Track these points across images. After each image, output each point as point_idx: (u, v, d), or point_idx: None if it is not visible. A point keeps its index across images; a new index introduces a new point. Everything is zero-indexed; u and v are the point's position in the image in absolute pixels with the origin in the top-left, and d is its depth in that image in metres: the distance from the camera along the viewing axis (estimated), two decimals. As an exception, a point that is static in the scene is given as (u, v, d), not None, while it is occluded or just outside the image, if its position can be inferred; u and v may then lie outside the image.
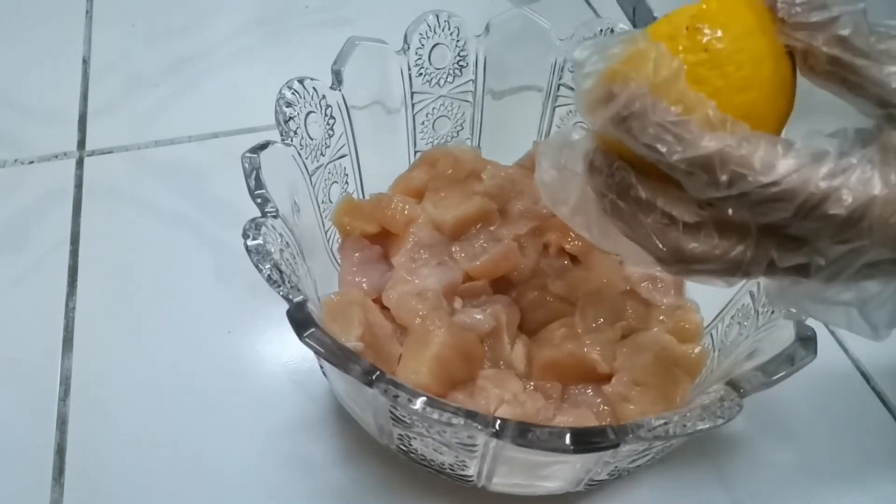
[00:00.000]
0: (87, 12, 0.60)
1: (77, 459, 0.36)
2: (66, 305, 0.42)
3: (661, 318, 0.37)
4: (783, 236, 0.21)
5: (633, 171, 0.22)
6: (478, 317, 0.36)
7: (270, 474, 0.36)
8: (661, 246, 0.22)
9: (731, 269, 0.22)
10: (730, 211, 0.21)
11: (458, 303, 0.37)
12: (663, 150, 0.20)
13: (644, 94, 0.20)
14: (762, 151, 0.20)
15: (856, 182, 0.19)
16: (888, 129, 0.20)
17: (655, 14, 0.44)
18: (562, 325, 0.37)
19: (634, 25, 0.42)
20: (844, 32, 0.21)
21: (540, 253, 0.39)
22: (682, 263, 0.22)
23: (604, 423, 0.33)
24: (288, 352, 0.40)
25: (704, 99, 0.20)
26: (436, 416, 0.24)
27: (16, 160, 0.49)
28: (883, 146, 0.20)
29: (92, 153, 0.50)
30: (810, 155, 0.20)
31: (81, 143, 0.50)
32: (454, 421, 0.24)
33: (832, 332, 0.42)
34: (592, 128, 0.22)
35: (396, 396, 0.24)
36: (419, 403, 0.24)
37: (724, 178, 0.20)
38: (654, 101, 0.20)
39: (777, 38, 0.22)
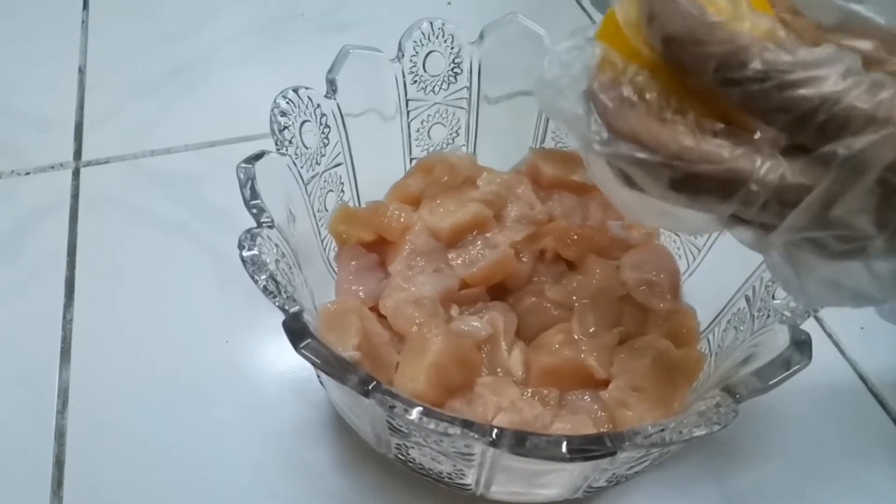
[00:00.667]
0: (82, 22, 0.60)
1: (76, 471, 0.36)
2: (64, 317, 0.42)
3: (658, 322, 0.37)
4: (799, 153, 0.20)
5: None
6: (475, 324, 0.36)
7: (269, 482, 0.36)
8: (665, 141, 0.20)
9: (737, 180, 0.20)
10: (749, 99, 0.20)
11: (454, 310, 0.37)
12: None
13: None
14: (791, 39, 0.19)
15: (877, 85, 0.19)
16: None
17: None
18: (559, 330, 0.37)
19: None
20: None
21: (536, 259, 0.39)
22: (685, 162, 0.20)
23: (602, 430, 0.33)
24: (286, 360, 0.40)
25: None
26: (432, 426, 0.24)
27: (12, 171, 0.49)
28: None
29: (88, 163, 0.50)
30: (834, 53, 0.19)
31: (78, 154, 0.50)
32: (451, 431, 0.24)
33: (829, 335, 0.42)
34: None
35: (393, 407, 0.24)
36: (415, 413, 0.24)
37: (755, 62, 0.19)
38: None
39: None
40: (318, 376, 0.35)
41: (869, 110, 0.19)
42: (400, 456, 0.32)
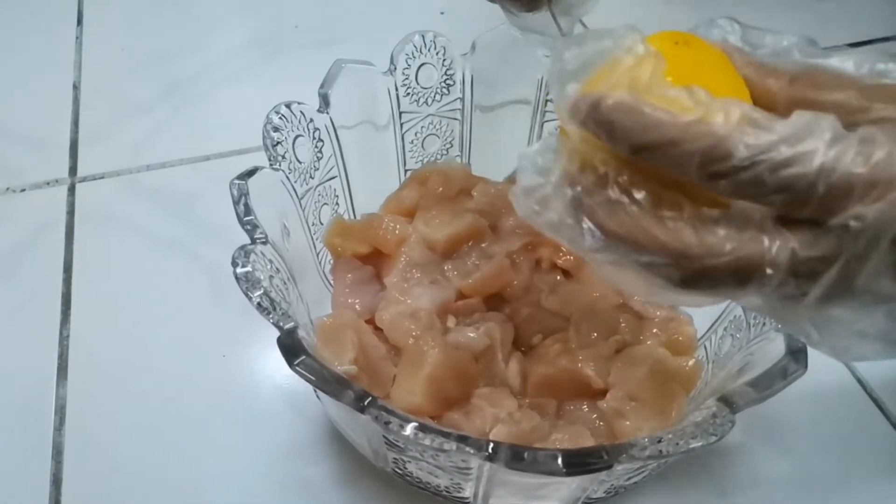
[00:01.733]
0: (76, 38, 0.60)
1: (74, 489, 0.36)
2: (60, 333, 0.42)
3: (655, 330, 0.37)
4: (802, 224, 0.19)
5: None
6: (471, 335, 0.36)
7: (268, 497, 0.35)
8: (666, 241, 0.19)
9: (750, 268, 0.19)
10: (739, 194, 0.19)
11: (451, 321, 0.37)
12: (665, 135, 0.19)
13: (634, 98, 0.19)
14: (776, 122, 0.19)
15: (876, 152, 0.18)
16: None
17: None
18: (556, 340, 0.37)
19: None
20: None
21: (532, 268, 0.39)
22: (691, 259, 0.19)
23: (600, 440, 0.33)
24: (283, 374, 0.40)
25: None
26: (427, 441, 0.24)
27: (7, 188, 0.49)
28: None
29: (83, 179, 0.50)
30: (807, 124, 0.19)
31: (73, 170, 0.50)
32: (446, 446, 0.24)
33: (827, 340, 0.42)
34: (574, 134, 0.21)
35: (388, 423, 0.24)
36: (410, 429, 0.24)
37: (740, 149, 0.18)
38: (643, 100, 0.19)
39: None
40: (315, 391, 0.35)
41: (867, 175, 0.18)
42: (398, 470, 0.31)
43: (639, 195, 0.20)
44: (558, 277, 0.39)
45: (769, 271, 0.19)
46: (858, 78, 0.20)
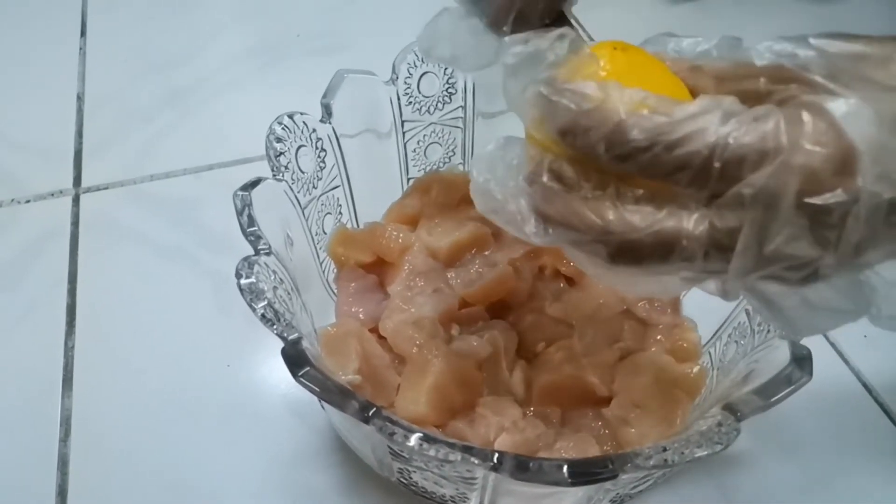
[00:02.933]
0: (80, 49, 0.61)
1: (79, 501, 0.36)
2: (66, 344, 0.42)
3: (659, 337, 0.37)
4: (716, 196, 0.20)
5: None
6: (475, 343, 0.36)
7: (273, 508, 0.36)
8: (590, 220, 0.21)
9: (668, 241, 0.20)
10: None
11: (455, 329, 0.37)
12: (577, 103, 0.20)
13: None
14: (664, 102, 0.20)
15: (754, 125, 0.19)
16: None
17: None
18: (559, 348, 0.37)
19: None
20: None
21: (536, 276, 0.39)
22: (614, 236, 0.21)
23: (605, 448, 0.33)
24: (288, 383, 0.39)
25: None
26: (432, 452, 0.24)
27: (12, 199, 0.49)
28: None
29: (88, 190, 0.50)
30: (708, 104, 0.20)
31: (77, 180, 0.51)
32: (451, 457, 0.24)
33: (833, 345, 0.42)
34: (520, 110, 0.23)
35: (392, 433, 0.24)
36: (414, 440, 0.24)
37: (634, 132, 0.20)
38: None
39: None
40: (320, 401, 0.35)
41: (757, 144, 0.19)
42: (402, 480, 0.31)
43: (567, 178, 0.21)
44: (562, 285, 0.39)
45: (684, 243, 0.20)
46: (770, 64, 0.21)
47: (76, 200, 0.49)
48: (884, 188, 0.19)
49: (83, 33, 0.62)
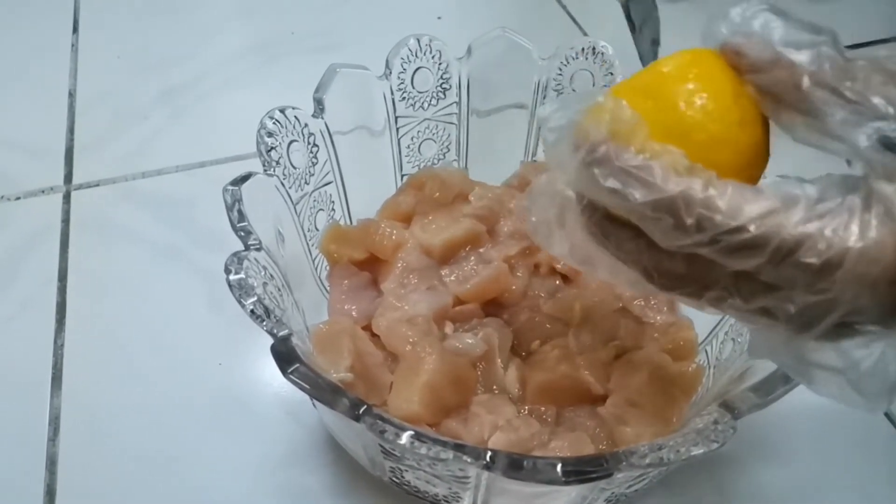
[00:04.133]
0: (72, 45, 0.60)
1: (68, 501, 0.35)
2: (55, 343, 0.41)
3: (655, 335, 0.37)
4: (755, 280, 0.20)
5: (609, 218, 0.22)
6: (469, 341, 0.35)
7: (265, 507, 0.35)
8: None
9: (695, 295, 0.21)
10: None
11: (449, 327, 0.37)
12: (627, 192, 0.20)
13: (606, 142, 0.20)
14: (730, 194, 0.19)
15: (832, 230, 0.18)
16: (872, 177, 0.19)
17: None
18: (555, 346, 0.36)
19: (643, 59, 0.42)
20: (805, 80, 0.20)
21: (531, 273, 0.39)
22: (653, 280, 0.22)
23: (600, 447, 0.32)
24: (279, 382, 0.39)
25: (671, 148, 0.20)
26: (424, 450, 0.23)
27: (2, 196, 0.49)
28: (866, 194, 0.19)
29: (79, 187, 0.50)
30: (781, 199, 0.19)
31: (68, 177, 0.50)
32: (443, 455, 0.23)
33: (830, 343, 0.42)
34: (565, 181, 0.23)
35: (383, 431, 0.24)
36: (406, 438, 0.23)
37: (689, 220, 0.19)
38: (617, 148, 0.20)
39: (749, 97, 0.22)
40: (311, 399, 0.35)
41: (817, 263, 0.18)
42: (395, 479, 0.31)
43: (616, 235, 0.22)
44: (557, 282, 0.39)
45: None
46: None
47: (67, 198, 0.49)
48: None
49: (75, 30, 0.62)
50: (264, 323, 0.26)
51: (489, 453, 0.23)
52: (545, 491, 0.27)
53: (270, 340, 0.26)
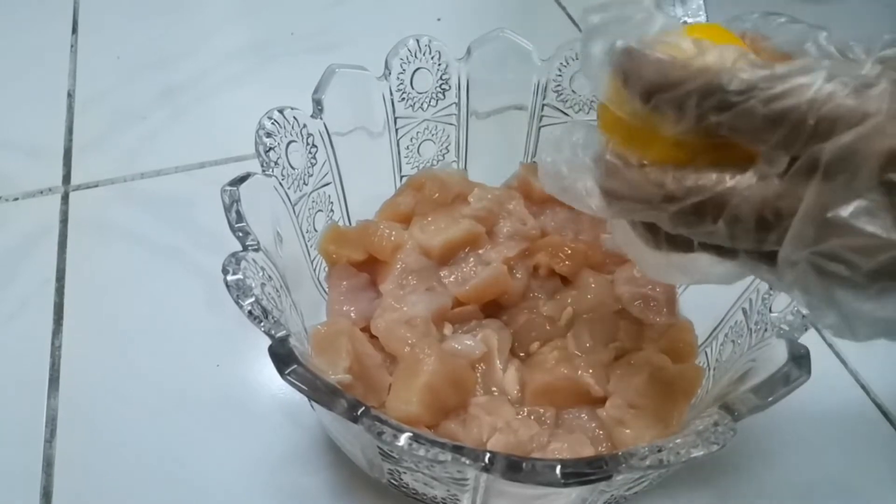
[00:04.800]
0: (71, 46, 0.60)
1: (64, 503, 0.35)
2: (52, 343, 0.41)
3: (655, 336, 0.37)
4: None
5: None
6: (468, 342, 0.35)
7: (263, 510, 0.35)
8: (653, 189, 0.21)
9: (723, 199, 0.20)
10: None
11: (448, 329, 0.37)
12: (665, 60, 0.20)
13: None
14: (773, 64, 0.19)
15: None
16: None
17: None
18: (554, 347, 0.36)
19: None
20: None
21: (530, 275, 0.39)
22: (674, 202, 0.21)
23: (600, 449, 0.32)
24: (277, 384, 0.39)
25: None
26: (422, 452, 0.23)
27: (0, 197, 0.49)
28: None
29: (77, 187, 0.49)
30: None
31: (67, 178, 0.50)
32: (441, 457, 0.23)
33: (830, 346, 0.42)
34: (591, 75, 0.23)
35: (381, 433, 0.23)
36: (404, 439, 0.23)
37: (734, 82, 0.19)
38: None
39: None
40: (309, 401, 0.35)
41: (857, 106, 0.18)
42: (393, 481, 0.31)
43: (632, 158, 0.22)
44: (556, 283, 0.39)
45: (736, 200, 0.20)
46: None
47: (65, 198, 0.49)
48: None
49: (74, 30, 0.61)
50: (262, 324, 0.26)
51: (488, 455, 0.23)
52: (544, 493, 0.27)
53: (269, 342, 0.26)
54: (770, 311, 0.30)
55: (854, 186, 0.18)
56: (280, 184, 0.33)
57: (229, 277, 0.27)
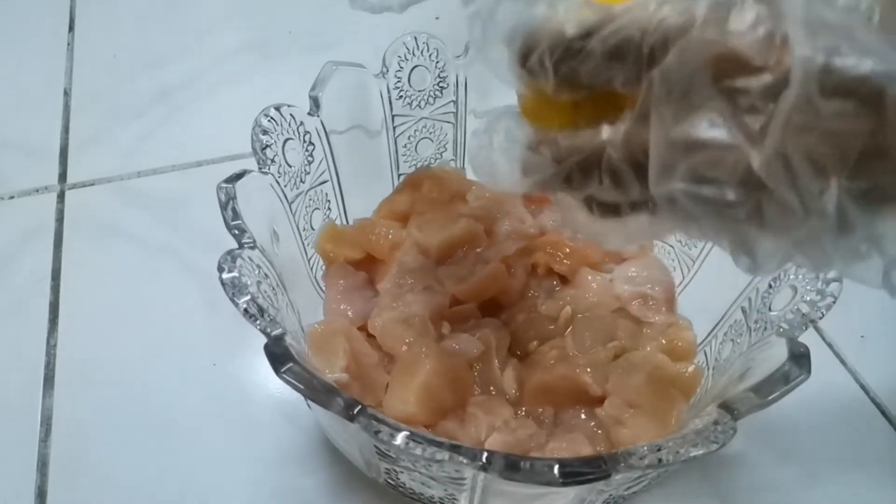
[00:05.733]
0: (68, 44, 0.60)
1: (59, 503, 0.35)
2: (48, 342, 0.41)
3: (654, 336, 0.36)
4: None
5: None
6: (466, 342, 0.35)
7: (259, 510, 0.35)
8: (538, 162, 0.21)
9: (597, 153, 0.20)
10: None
11: (445, 327, 0.36)
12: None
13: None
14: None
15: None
16: None
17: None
18: (552, 346, 0.36)
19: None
20: None
21: (528, 274, 0.39)
22: (561, 165, 0.21)
23: (598, 448, 0.32)
24: (274, 383, 0.39)
25: None
26: (419, 451, 0.23)
27: (-4, 195, 0.49)
28: None
29: (73, 186, 0.49)
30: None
31: (63, 176, 0.50)
32: (438, 456, 0.23)
33: (829, 345, 0.41)
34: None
35: (378, 432, 0.23)
36: (401, 438, 0.23)
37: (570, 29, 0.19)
38: None
39: None
40: (306, 400, 0.34)
41: (683, 23, 0.17)
42: (390, 481, 0.31)
43: (521, 135, 0.22)
44: (555, 283, 0.39)
45: (609, 149, 0.20)
46: None
47: (61, 197, 0.48)
48: (816, 58, 0.16)
49: (71, 28, 0.61)
50: (258, 322, 0.26)
51: (485, 454, 0.23)
52: (542, 493, 0.27)
53: (265, 341, 0.26)
54: (769, 309, 0.30)
55: (692, 102, 0.17)
56: (276, 181, 0.33)
57: (225, 275, 0.27)
